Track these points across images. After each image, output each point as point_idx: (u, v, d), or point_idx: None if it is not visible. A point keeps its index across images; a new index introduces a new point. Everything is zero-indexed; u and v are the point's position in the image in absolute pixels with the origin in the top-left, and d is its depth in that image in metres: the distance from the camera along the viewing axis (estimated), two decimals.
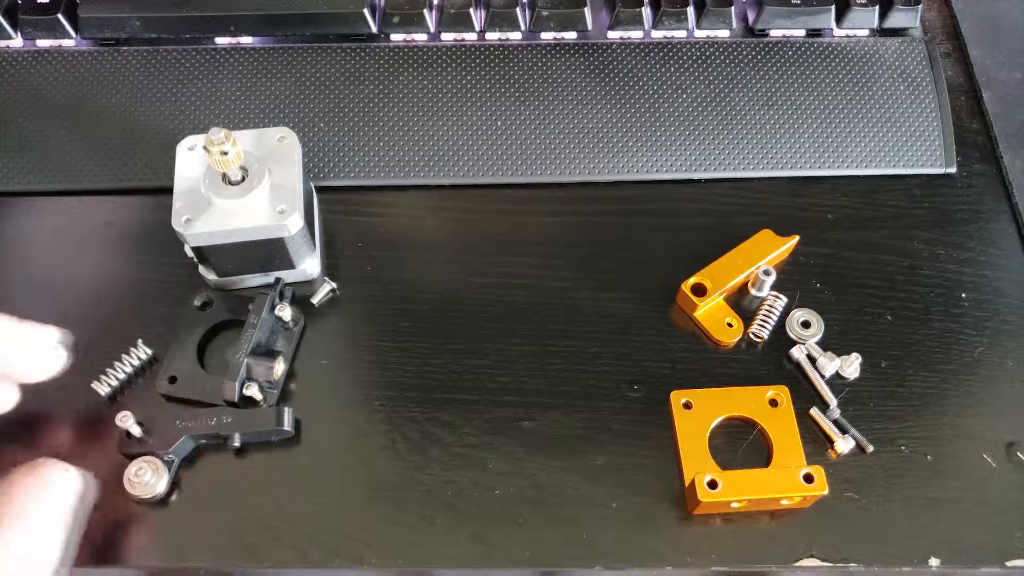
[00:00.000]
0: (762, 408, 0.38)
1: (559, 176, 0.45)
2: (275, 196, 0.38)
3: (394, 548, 0.35)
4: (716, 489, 0.34)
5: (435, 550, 0.35)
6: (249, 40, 0.48)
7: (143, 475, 0.35)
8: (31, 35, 0.47)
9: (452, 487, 0.36)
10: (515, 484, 0.36)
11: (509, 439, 0.37)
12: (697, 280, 0.40)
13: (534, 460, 0.37)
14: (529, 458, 0.37)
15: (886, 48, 0.48)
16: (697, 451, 0.37)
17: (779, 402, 0.38)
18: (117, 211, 0.43)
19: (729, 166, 0.45)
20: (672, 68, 0.47)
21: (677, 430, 0.37)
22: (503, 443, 0.37)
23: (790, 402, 0.38)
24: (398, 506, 0.36)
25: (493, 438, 0.37)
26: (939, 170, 0.45)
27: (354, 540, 0.35)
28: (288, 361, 0.39)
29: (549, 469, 0.37)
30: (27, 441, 0.37)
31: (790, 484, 0.35)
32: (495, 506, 0.36)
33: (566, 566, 0.35)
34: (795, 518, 0.36)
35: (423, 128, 0.45)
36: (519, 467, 0.37)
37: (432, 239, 0.43)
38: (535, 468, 0.37)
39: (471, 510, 0.36)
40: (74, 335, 0.36)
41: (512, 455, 0.37)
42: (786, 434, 0.37)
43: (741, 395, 0.38)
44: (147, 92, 0.46)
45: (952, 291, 0.42)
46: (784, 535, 0.35)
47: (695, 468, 0.36)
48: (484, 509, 0.36)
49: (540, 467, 0.37)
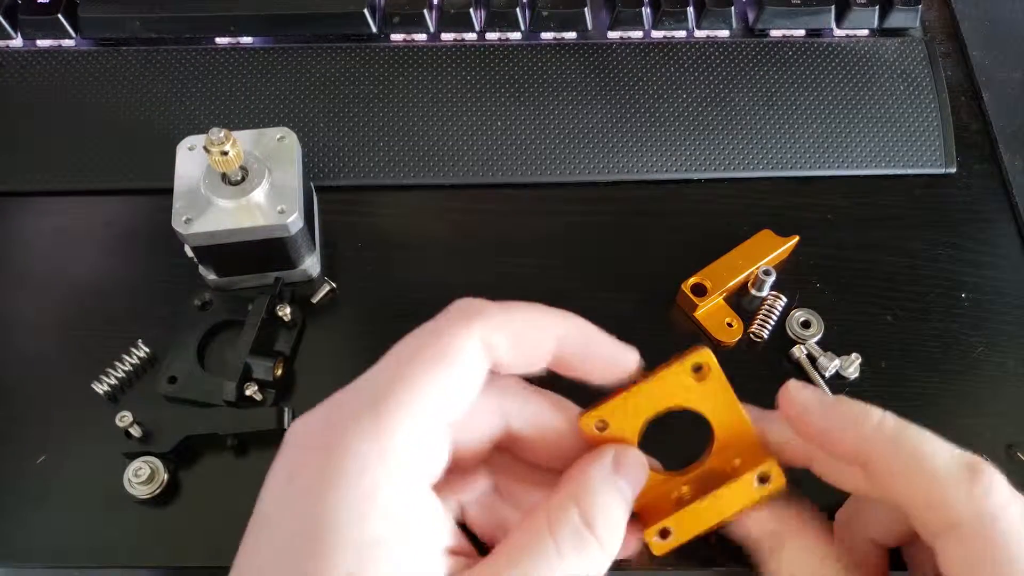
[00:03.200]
0: (687, 388, 0.29)
1: (559, 176, 0.45)
2: (275, 196, 0.38)
3: None
4: (668, 538, 0.29)
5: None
6: (249, 40, 0.48)
7: (143, 475, 0.35)
8: (31, 35, 0.47)
9: None
10: None
11: None
12: (697, 280, 0.40)
13: None
14: None
15: (886, 48, 0.48)
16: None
17: (704, 368, 0.28)
18: (117, 211, 0.43)
19: (729, 166, 0.45)
20: (672, 68, 0.47)
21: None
22: None
23: (718, 366, 0.29)
24: None
25: None
26: (939, 170, 0.45)
27: None
28: (288, 361, 0.39)
29: None
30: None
31: (747, 494, 0.29)
32: None
33: None
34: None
35: (423, 128, 0.45)
36: None
37: (432, 239, 0.43)
38: None
39: None
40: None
41: None
42: (723, 409, 0.29)
43: (658, 385, 0.29)
44: (147, 92, 0.46)
45: (952, 291, 0.42)
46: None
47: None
48: None
49: None
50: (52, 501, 0.36)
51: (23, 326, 0.40)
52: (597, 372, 0.29)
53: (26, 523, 0.35)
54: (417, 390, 0.25)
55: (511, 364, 0.28)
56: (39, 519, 0.35)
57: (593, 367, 0.29)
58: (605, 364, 0.29)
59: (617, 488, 0.28)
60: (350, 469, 0.24)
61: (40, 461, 0.37)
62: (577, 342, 0.28)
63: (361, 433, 0.24)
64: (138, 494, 0.35)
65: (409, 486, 0.25)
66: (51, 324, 0.40)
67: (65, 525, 0.35)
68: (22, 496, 0.36)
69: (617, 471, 0.28)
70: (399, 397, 0.25)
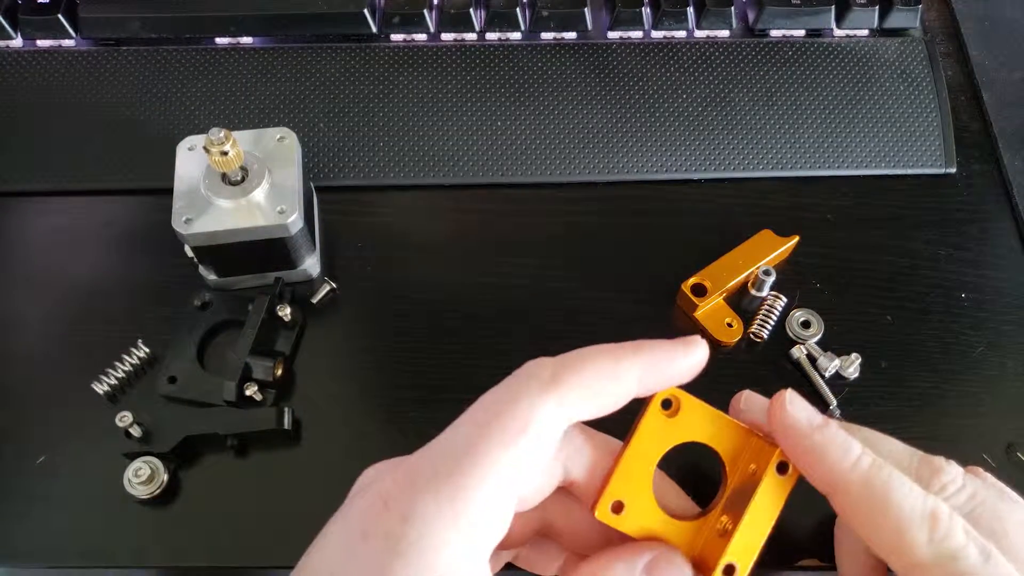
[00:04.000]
0: (669, 427, 0.29)
1: (559, 176, 0.45)
2: (275, 196, 0.38)
3: None
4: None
5: None
6: (249, 40, 0.48)
7: (143, 475, 0.35)
8: (31, 35, 0.47)
9: None
10: None
11: None
12: (697, 280, 0.40)
13: None
14: None
15: (886, 48, 0.48)
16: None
17: (672, 402, 0.29)
18: (117, 211, 0.43)
19: (729, 166, 0.45)
20: (672, 68, 0.47)
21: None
22: None
23: (684, 393, 0.29)
24: None
25: None
26: (939, 170, 0.45)
27: None
28: (288, 361, 0.39)
29: None
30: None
31: (778, 491, 0.29)
32: None
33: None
34: (795, 519, 0.36)
35: (423, 128, 0.45)
36: None
37: (432, 239, 0.43)
38: None
39: None
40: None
41: None
42: (713, 428, 0.29)
43: (643, 440, 0.28)
44: (147, 92, 0.46)
45: (952, 291, 0.42)
46: (784, 535, 0.35)
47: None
48: None
49: None
50: (52, 501, 0.36)
51: (23, 326, 0.40)
52: (676, 380, 0.28)
53: (26, 523, 0.35)
54: (493, 464, 0.25)
55: (590, 416, 0.27)
56: (39, 519, 0.35)
57: (670, 383, 0.28)
58: (680, 375, 0.28)
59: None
60: (420, 542, 0.24)
61: (40, 461, 0.37)
62: (654, 376, 0.28)
63: (437, 505, 0.24)
64: (138, 494, 0.35)
65: (474, 563, 0.25)
66: (51, 324, 0.40)
67: (65, 525, 0.35)
68: (22, 496, 0.36)
69: (649, 574, 0.28)
70: (476, 471, 0.25)
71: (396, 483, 0.25)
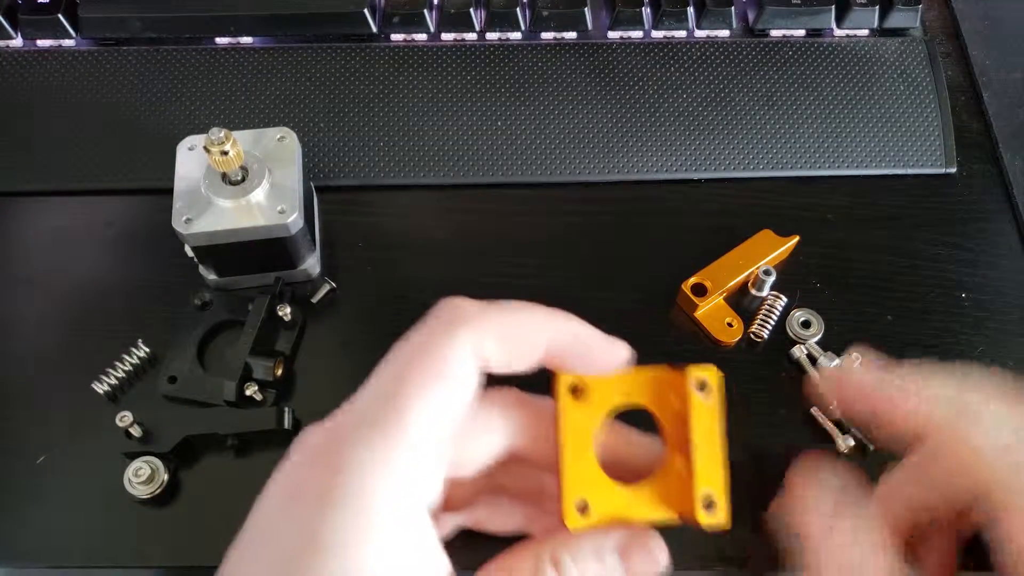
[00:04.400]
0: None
1: (559, 176, 0.45)
2: (275, 196, 0.38)
3: None
4: (714, 508, 0.28)
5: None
6: (249, 40, 0.48)
7: (143, 475, 0.35)
8: (31, 35, 0.47)
9: None
10: None
11: None
12: (697, 280, 0.40)
13: None
14: None
15: (886, 48, 0.48)
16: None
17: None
18: (117, 211, 0.43)
19: (729, 166, 0.45)
20: (672, 68, 0.47)
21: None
22: None
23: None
24: None
25: None
26: (939, 170, 0.45)
27: None
28: (288, 361, 0.39)
29: None
30: None
31: (708, 409, 0.28)
32: None
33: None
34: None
35: (423, 128, 0.45)
36: None
37: (432, 239, 0.43)
38: None
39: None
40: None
41: None
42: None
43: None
44: (147, 92, 0.46)
45: (952, 291, 0.42)
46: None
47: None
48: None
49: None
50: (52, 501, 0.36)
51: (23, 326, 0.40)
52: (588, 368, 0.29)
53: (26, 523, 0.35)
54: (416, 407, 0.25)
55: (501, 366, 0.28)
56: (39, 519, 0.35)
57: (583, 363, 0.29)
58: (596, 359, 0.29)
59: (609, 573, 0.28)
60: (351, 491, 0.24)
61: (40, 461, 0.37)
62: (567, 341, 0.28)
63: (362, 455, 0.24)
64: (138, 494, 0.35)
65: (408, 510, 0.25)
66: (51, 324, 0.40)
67: (65, 525, 0.35)
68: (22, 496, 0.36)
69: (622, 556, 0.28)
70: (401, 416, 0.25)
71: (325, 437, 0.26)
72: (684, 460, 0.29)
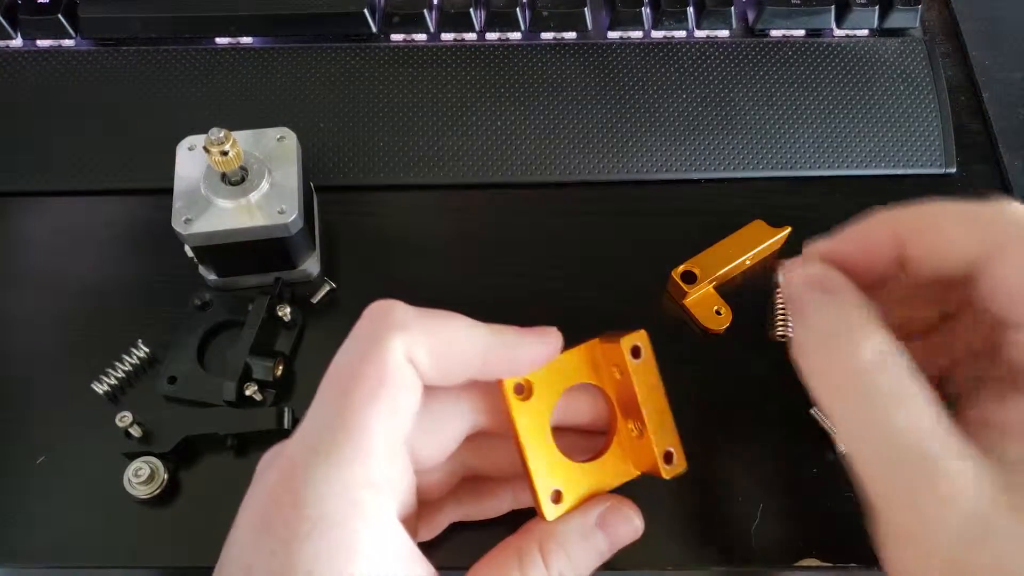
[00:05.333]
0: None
1: (559, 176, 0.45)
2: (275, 196, 0.38)
3: None
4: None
5: (430, 548, 0.35)
6: (249, 40, 0.48)
7: (143, 475, 0.35)
8: (31, 35, 0.47)
9: None
10: None
11: None
12: (687, 267, 0.40)
13: None
14: None
15: (886, 48, 0.48)
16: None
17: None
18: (117, 211, 0.43)
19: (729, 166, 0.45)
20: (672, 68, 0.47)
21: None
22: None
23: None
24: None
25: None
26: (939, 170, 0.45)
27: None
28: (288, 361, 0.39)
29: None
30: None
31: (645, 371, 0.30)
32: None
33: None
34: (796, 518, 0.36)
35: (423, 128, 0.45)
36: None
37: (432, 239, 0.43)
38: None
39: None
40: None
41: None
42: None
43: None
44: (147, 92, 0.46)
45: None
46: (783, 535, 0.35)
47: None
48: None
49: None
50: (52, 501, 0.36)
51: (23, 326, 0.40)
52: (524, 369, 0.29)
53: (26, 523, 0.35)
54: (365, 425, 0.25)
55: (432, 378, 0.27)
56: (39, 519, 0.35)
57: (518, 367, 0.29)
58: (528, 358, 0.29)
59: (594, 546, 0.29)
60: (322, 522, 0.24)
61: (40, 461, 0.37)
62: (501, 353, 0.28)
63: (326, 484, 0.24)
64: (138, 494, 0.35)
65: (376, 528, 0.25)
66: (51, 324, 0.40)
67: (65, 525, 0.35)
68: (22, 496, 0.36)
69: (601, 527, 0.29)
70: (351, 438, 0.25)
71: (282, 473, 0.26)
72: (634, 422, 0.31)
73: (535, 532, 0.29)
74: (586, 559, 0.29)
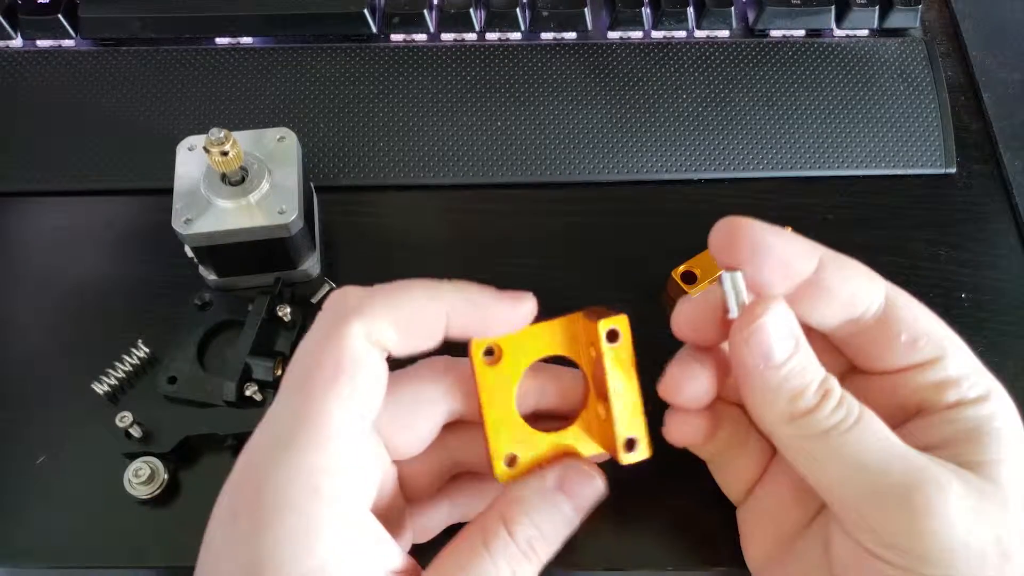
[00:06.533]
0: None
1: (559, 176, 0.45)
2: (275, 196, 0.38)
3: None
4: (636, 448, 0.29)
5: (427, 550, 0.35)
6: (249, 40, 0.48)
7: (143, 475, 0.35)
8: (31, 35, 0.47)
9: None
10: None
11: None
12: (687, 268, 0.40)
13: None
14: None
15: (886, 48, 0.48)
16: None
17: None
18: (117, 211, 0.43)
19: (729, 166, 0.45)
20: (672, 68, 0.47)
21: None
22: None
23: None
24: None
25: None
26: (939, 170, 0.45)
27: None
28: (288, 361, 0.39)
29: None
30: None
31: (620, 356, 0.29)
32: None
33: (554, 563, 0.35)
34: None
35: (423, 128, 0.45)
36: None
37: (432, 239, 0.43)
38: None
39: None
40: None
41: None
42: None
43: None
44: (147, 92, 0.46)
45: (952, 291, 0.42)
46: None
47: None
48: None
49: None
50: (52, 501, 0.36)
51: (23, 326, 0.40)
52: (494, 330, 0.29)
53: (26, 523, 0.35)
54: (324, 415, 0.25)
55: (403, 350, 0.27)
56: (39, 519, 0.35)
57: (487, 327, 0.28)
58: (499, 320, 0.29)
59: (558, 509, 0.28)
60: (284, 512, 0.24)
61: (40, 461, 0.37)
62: (465, 309, 0.28)
63: (287, 475, 0.25)
64: (138, 494, 0.35)
65: (342, 514, 0.25)
66: (51, 324, 0.40)
67: (65, 525, 0.35)
68: (22, 496, 0.36)
69: (562, 489, 0.28)
70: (310, 429, 0.25)
71: (246, 464, 0.26)
72: (603, 404, 0.30)
73: (496, 505, 0.28)
74: (552, 525, 0.28)
